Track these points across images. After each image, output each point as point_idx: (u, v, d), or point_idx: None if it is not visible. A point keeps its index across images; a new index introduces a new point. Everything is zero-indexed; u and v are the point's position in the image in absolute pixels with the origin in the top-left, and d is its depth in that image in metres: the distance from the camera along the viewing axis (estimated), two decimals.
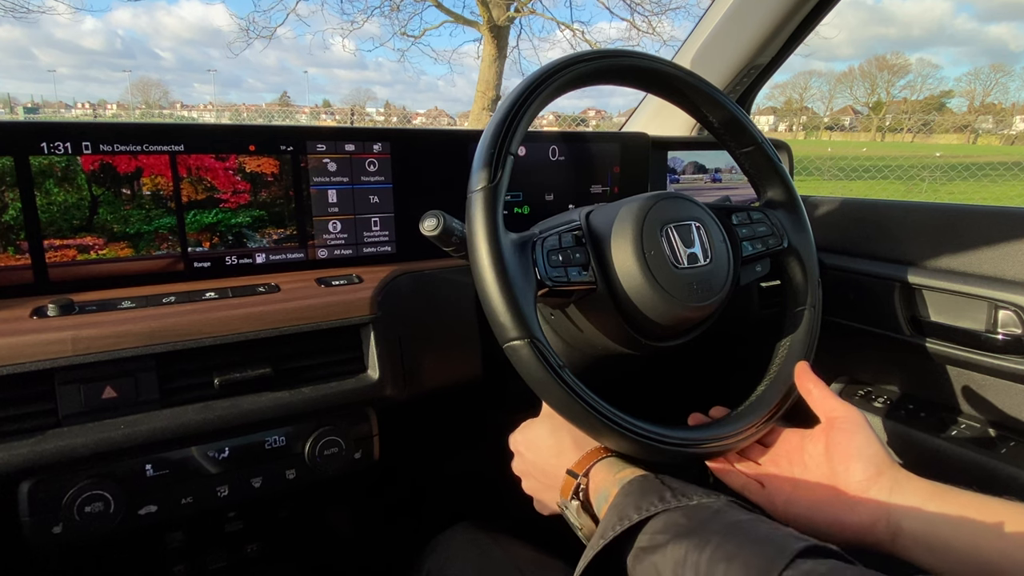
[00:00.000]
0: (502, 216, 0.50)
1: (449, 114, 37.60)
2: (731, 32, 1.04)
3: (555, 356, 0.47)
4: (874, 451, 0.50)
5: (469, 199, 0.50)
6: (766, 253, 0.64)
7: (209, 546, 0.78)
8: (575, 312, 0.58)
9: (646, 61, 0.59)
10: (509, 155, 0.51)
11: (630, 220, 0.56)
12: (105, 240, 0.65)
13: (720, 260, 0.58)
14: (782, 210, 0.66)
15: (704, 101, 0.63)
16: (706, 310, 0.57)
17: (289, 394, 0.64)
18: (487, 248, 0.47)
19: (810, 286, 0.64)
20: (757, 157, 0.66)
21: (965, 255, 0.80)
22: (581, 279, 0.53)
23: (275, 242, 0.73)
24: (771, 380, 0.61)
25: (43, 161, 0.61)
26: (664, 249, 0.55)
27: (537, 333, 0.47)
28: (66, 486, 0.55)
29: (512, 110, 0.52)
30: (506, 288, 0.47)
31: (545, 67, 0.54)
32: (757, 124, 0.66)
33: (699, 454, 0.54)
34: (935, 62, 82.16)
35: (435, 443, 1.04)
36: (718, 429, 0.55)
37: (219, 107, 26.73)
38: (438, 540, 0.67)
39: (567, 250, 0.54)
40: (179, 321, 0.60)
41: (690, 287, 0.55)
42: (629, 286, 0.54)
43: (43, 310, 0.58)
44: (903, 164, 9.28)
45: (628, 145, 0.96)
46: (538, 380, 0.47)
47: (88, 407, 0.56)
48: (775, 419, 0.58)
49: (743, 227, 0.63)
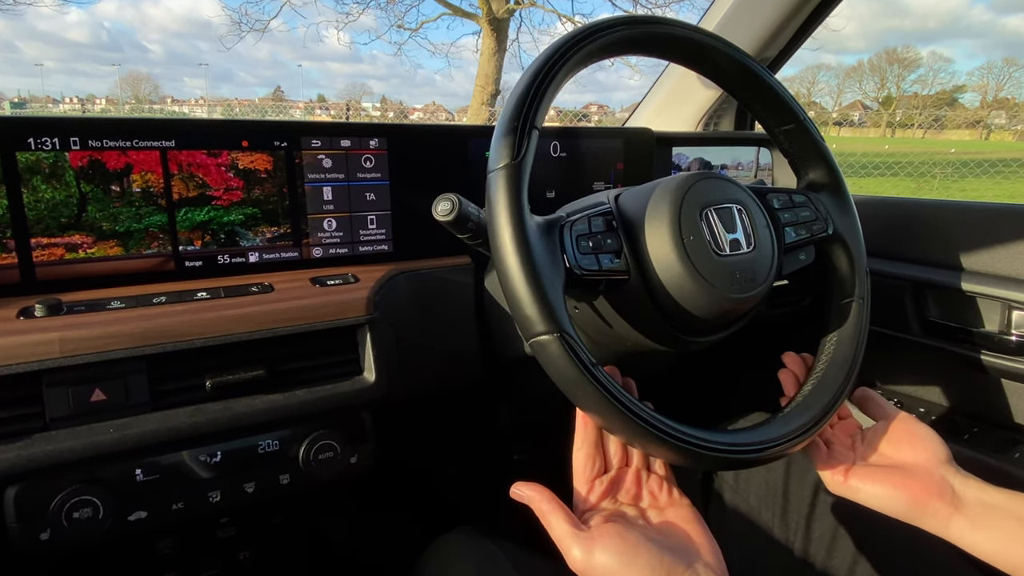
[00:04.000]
0: (527, 196, 0.46)
1: (447, 109, 37.59)
2: (737, 25, 1.04)
3: (587, 353, 0.44)
4: (936, 444, 0.53)
5: (489, 178, 0.46)
6: (810, 240, 0.60)
7: (201, 553, 0.78)
8: (603, 304, 0.56)
9: (683, 30, 0.56)
10: (534, 129, 0.48)
11: (667, 202, 0.52)
12: (94, 238, 0.65)
13: (764, 247, 0.55)
14: (825, 193, 0.63)
15: (741, 74, 0.59)
16: (750, 302, 0.54)
17: (283, 397, 0.64)
18: (511, 232, 0.44)
19: (858, 276, 0.61)
20: (798, 136, 0.62)
21: (978, 254, 0.80)
22: (613, 267, 0.51)
23: (269, 241, 0.73)
24: (817, 381, 0.57)
25: (30, 157, 0.61)
26: (704, 234, 0.52)
27: (567, 327, 0.44)
28: (54, 491, 0.55)
29: (537, 78, 0.48)
30: (533, 277, 0.43)
31: (573, 32, 0.51)
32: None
33: (744, 460, 0.50)
34: (947, 55, 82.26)
35: (433, 447, 1.04)
36: (764, 433, 0.52)
37: (211, 102, 26.75)
38: (438, 544, 0.67)
39: (597, 235, 0.51)
40: (170, 322, 0.60)
41: (733, 276, 0.52)
42: (665, 275, 0.51)
43: (30, 310, 0.58)
44: (913, 160, 9.28)
45: (632, 141, 0.96)
46: (569, 380, 0.44)
47: (76, 410, 0.56)
48: (823, 424, 0.55)
49: (785, 211, 0.59)
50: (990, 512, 0.48)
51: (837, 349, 0.58)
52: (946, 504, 0.50)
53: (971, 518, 0.49)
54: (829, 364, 0.58)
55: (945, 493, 0.50)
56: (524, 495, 0.48)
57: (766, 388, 0.63)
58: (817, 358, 0.59)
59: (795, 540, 0.69)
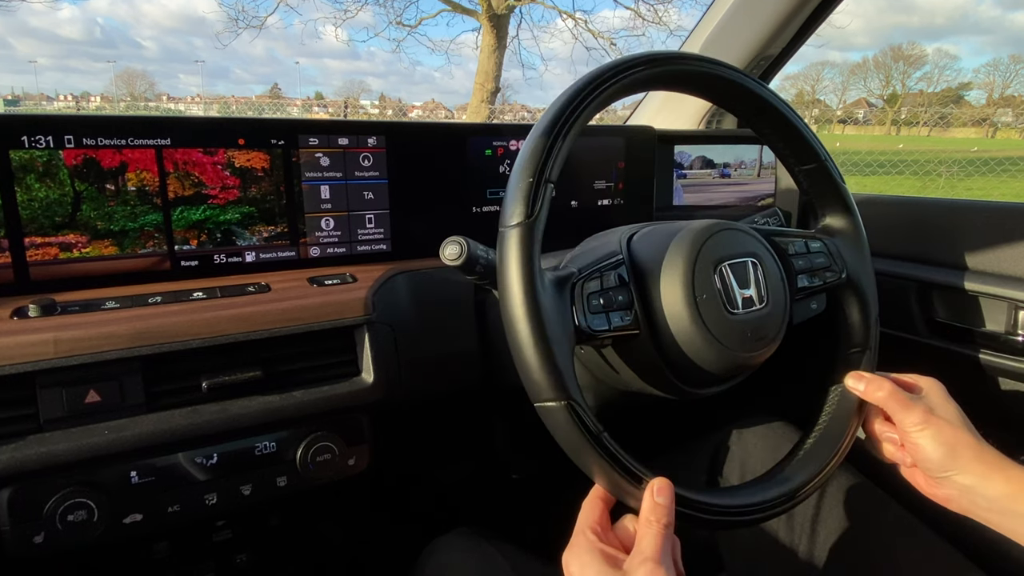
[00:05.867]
0: (539, 256, 0.46)
1: (447, 106, 37.63)
2: (741, 21, 1.04)
3: (593, 421, 0.44)
4: (943, 455, 0.52)
5: (502, 233, 0.46)
6: (823, 287, 0.60)
7: (197, 556, 0.77)
8: (610, 352, 0.56)
9: (705, 66, 0.55)
10: (549, 184, 0.46)
11: (682, 257, 0.52)
12: (89, 238, 0.65)
13: (777, 302, 0.55)
14: (841, 238, 0.62)
15: (764, 111, 0.59)
16: (759, 359, 0.54)
17: (280, 398, 0.64)
18: (523, 296, 0.44)
19: (869, 326, 0.60)
20: (818, 176, 0.61)
21: (985, 253, 0.80)
22: (624, 324, 0.51)
23: (265, 240, 0.73)
24: (820, 434, 0.56)
25: (24, 155, 0.61)
26: (718, 292, 0.52)
27: (575, 395, 0.44)
28: (48, 494, 0.55)
29: (553, 129, 0.47)
30: (542, 341, 0.43)
31: (593, 75, 0.50)
32: None
33: (749, 521, 0.50)
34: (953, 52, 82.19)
35: (432, 449, 1.04)
36: (766, 492, 0.51)
37: (207, 99, 26.73)
38: (436, 546, 0.67)
39: (609, 292, 0.51)
40: (165, 322, 0.60)
41: (744, 335, 0.52)
42: (677, 331, 0.51)
43: (24, 310, 0.58)
44: (918, 159, 9.27)
45: (633, 139, 0.96)
46: (575, 447, 0.44)
47: (71, 411, 0.56)
48: (826, 477, 0.54)
49: (799, 258, 0.59)
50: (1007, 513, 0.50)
51: (842, 400, 0.58)
52: (969, 508, 0.51)
53: (990, 521, 0.50)
54: (832, 416, 0.58)
55: (963, 497, 0.52)
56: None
57: (767, 407, 0.63)
58: (822, 409, 0.59)
59: (800, 543, 0.69)
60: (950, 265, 0.83)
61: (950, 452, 0.51)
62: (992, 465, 0.50)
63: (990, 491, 0.49)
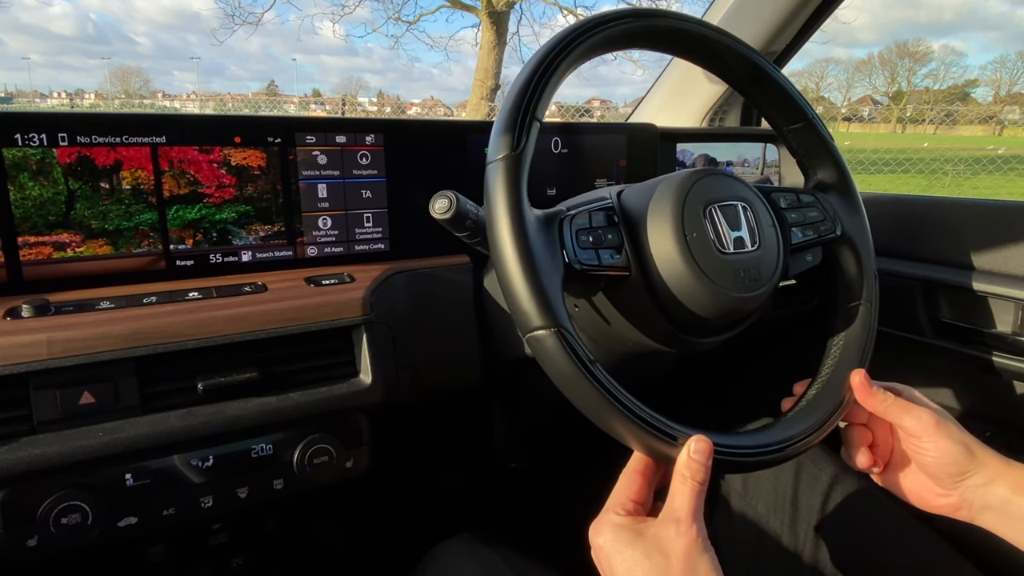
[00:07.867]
0: (526, 189, 0.46)
1: (446, 104, 37.64)
2: (744, 18, 1.04)
3: (585, 349, 0.44)
4: (962, 453, 0.51)
5: (488, 169, 0.47)
6: (817, 241, 0.61)
7: (193, 559, 0.78)
8: (603, 302, 0.56)
9: (689, 24, 0.56)
10: (535, 120, 0.48)
11: (669, 198, 0.52)
12: (83, 237, 0.65)
13: (769, 246, 0.55)
14: (834, 193, 0.63)
15: (748, 70, 0.60)
16: (754, 302, 0.54)
17: (277, 400, 0.64)
18: (509, 224, 0.44)
19: (866, 279, 0.61)
20: (807, 134, 0.62)
21: (991, 253, 0.79)
22: (614, 263, 0.51)
23: (262, 239, 0.73)
24: (822, 385, 0.57)
25: (17, 154, 0.61)
26: (708, 232, 0.52)
27: (565, 322, 0.44)
28: (41, 497, 0.55)
29: (539, 69, 0.48)
30: (531, 270, 0.44)
31: (577, 24, 0.51)
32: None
33: (746, 464, 0.50)
34: (960, 49, 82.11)
35: (431, 450, 1.04)
36: (768, 436, 0.52)
37: (203, 96, 26.73)
38: (437, 551, 0.67)
39: (598, 230, 0.51)
40: (161, 322, 0.60)
41: (737, 275, 0.52)
42: (668, 273, 0.51)
43: (17, 311, 0.58)
44: (924, 157, 9.27)
45: (635, 137, 0.96)
46: (565, 376, 0.44)
47: (64, 413, 0.56)
48: (827, 429, 0.55)
49: (792, 211, 0.60)
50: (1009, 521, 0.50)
51: (843, 352, 0.58)
52: (969, 515, 0.51)
53: (994, 526, 0.50)
54: (835, 367, 0.58)
55: (963, 509, 0.52)
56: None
57: (770, 390, 0.63)
58: (823, 361, 0.59)
59: (804, 549, 0.69)
60: (956, 265, 0.83)
61: (966, 449, 0.51)
62: (1005, 462, 0.50)
63: (1004, 488, 0.49)
